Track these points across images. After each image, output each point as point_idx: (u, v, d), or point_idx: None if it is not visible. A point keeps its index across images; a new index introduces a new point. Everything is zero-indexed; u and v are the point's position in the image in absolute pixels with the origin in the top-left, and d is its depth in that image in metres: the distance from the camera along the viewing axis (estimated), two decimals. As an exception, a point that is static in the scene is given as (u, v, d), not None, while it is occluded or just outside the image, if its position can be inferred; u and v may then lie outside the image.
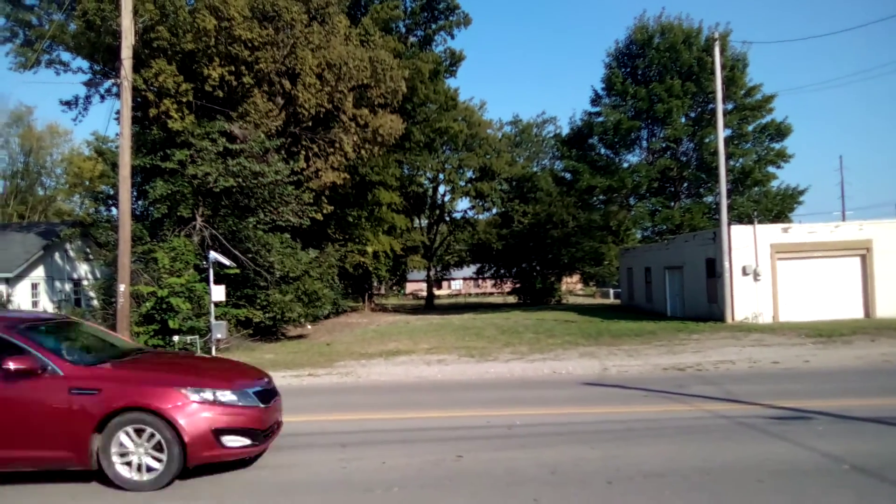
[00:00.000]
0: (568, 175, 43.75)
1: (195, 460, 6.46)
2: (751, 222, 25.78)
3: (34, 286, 27.64)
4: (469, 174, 52.53)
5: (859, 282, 24.29)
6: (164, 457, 6.35)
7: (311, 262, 25.24)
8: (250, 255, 22.58)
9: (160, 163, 21.75)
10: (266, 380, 7.50)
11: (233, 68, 22.62)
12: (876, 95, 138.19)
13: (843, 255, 24.27)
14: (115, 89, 23.91)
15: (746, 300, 24.04)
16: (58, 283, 29.25)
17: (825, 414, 8.74)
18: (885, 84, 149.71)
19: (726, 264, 23.91)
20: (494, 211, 55.89)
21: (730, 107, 35.14)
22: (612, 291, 58.37)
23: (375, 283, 56.21)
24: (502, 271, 57.66)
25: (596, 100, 41.32)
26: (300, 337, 26.47)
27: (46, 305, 28.10)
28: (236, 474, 7.00)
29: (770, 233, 24.74)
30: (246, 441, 6.72)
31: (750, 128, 36.73)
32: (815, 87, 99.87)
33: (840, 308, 23.85)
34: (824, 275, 24.24)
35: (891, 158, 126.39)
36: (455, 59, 41.93)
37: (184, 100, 22.29)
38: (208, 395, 6.61)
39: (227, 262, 20.69)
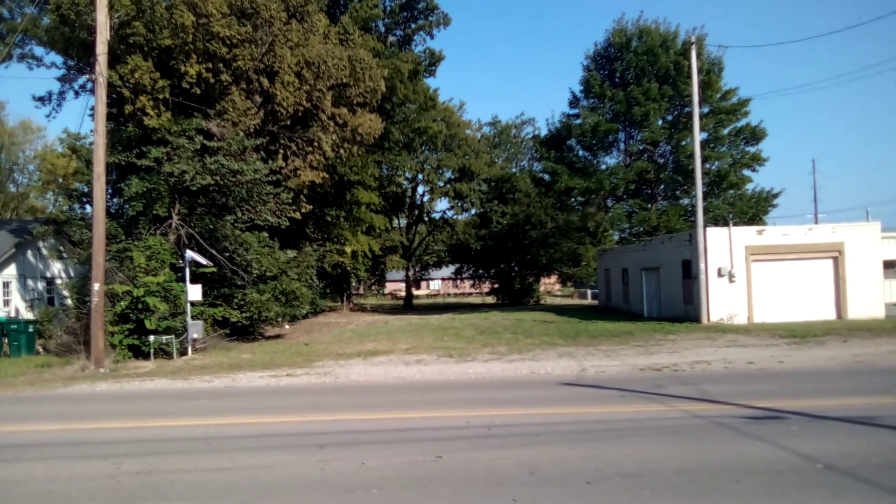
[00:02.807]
0: (546, 176, 43.89)
1: None
2: (726, 224, 26.10)
3: (6, 285, 27.11)
4: (448, 174, 52.50)
5: (832, 284, 24.68)
6: None
7: (290, 261, 25.04)
8: (227, 255, 22.35)
9: (136, 160, 21.44)
10: None
11: (210, 65, 22.38)
12: (849, 100, 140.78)
13: (816, 257, 24.66)
14: (89, 85, 23.51)
15: (722, 301, 24.33)
16: (30, 282, 28.70)
17: (799, 414, 8.87)
18: (858, 89, 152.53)
19: (702, 266, 24.18)
20: (473, 211, 55.96)
21: (706, 110, 35.46)
22: (589, 292, 58.67)
23: (354, 283, 55.96)
24: (481, 272, 57.69)
25: (574, 102, 41.52)
26: (278, 337, 26.29)
27: (19, 304, 27.58)
28: (215, 474, 6.94)
29: (745, 235, 25.05)
30: None
31: (725, 131, 37.12)
32: (788, 91, 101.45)
33: (813, 309, 24.23)
34: (798, 277, 24.61)
35: (863, 162, 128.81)
36: (434, 59, 41.83)
37: (160, 97, 22.00)
38: None
39: (203, 260, 20.47)
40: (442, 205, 56.24)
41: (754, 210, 37.18)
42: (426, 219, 56.89)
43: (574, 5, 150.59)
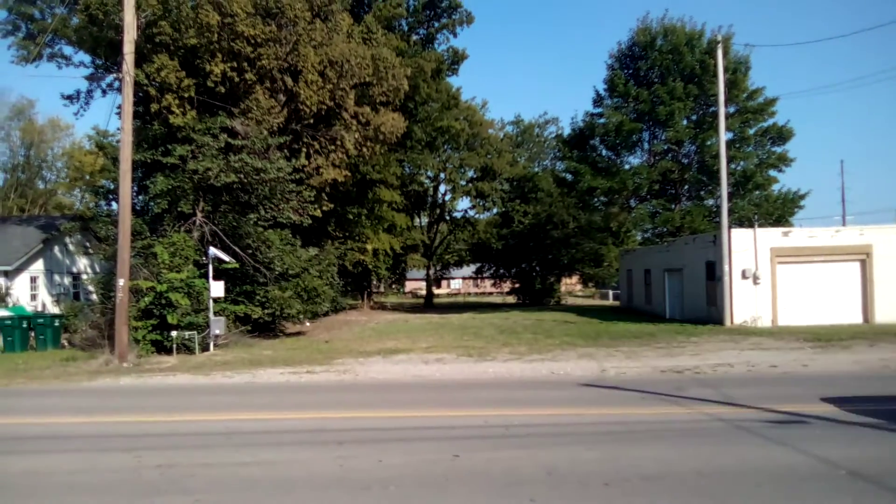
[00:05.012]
0: (569, 176, 43.66)
1: None
2: (751, 226, 25.76)
3: (33, 279, 27.63)
4: (470, 173, 52.44)
5: (859, 287, 24.27)
6: None
7: (311, 259, 25.20)
8: (250, 252, 22.55)
9: (161, 158, 21.73)
10: None
11: (235, 64, 22.57)
12: (878, 100, 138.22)
13: (842, 259, 24.27)
14: (116, 84, 23.84)
15: (746, 303, 24.03)
16: (57, 277, 29.22)
17: (823, 418, 8.73)
18: (888, 88, 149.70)
19: (726, 267, 23.90)
20: (495, 211, 55.79)
21: (732, 110, 35.05)
22: (611, 293, 58.27)
23: (375, 282, 56.19)
24: (502, 271, 57.57)
25: (598, 101, 41.26)
26: (299, 334, 26.46)
27: (45, 299, 28.09)
28: (235, 469, 7.00)
29: (770, 237, 24.72)
30: None
31: (752, 131, 36.65)
32: (816, 91, 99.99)
33: (839, 313, 23.83)
34: (824, 279, 24.22)
35: (892, 163, 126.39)
36: (457, 58, 41.84)
37: (185, 95, 22.23)
38: None
39: (226, 257, 20.67)
40: (463, 204, 56.35)
41: (780, 211, 36.68)
42: (447, 218, 56.89)
43: (599, 4, 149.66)
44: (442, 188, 54.88)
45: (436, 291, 67.34)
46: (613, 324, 26.48)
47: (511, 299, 57.76)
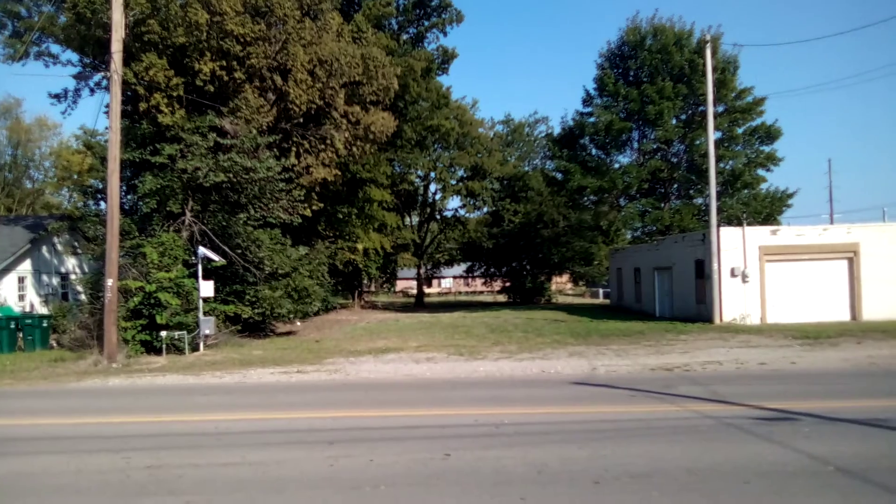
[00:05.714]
0: (559, 175, 43.73)
1: None
2: (740, 224, 25.92)
3: (21, 280, 27.41)
4: (460, 173, 52.42)
5: (846, 284, 24.47)
6: None
7: (301, 258, 25.13)
8: (240, 251, 22.46)
9: (150, 157, 21.60)
10: None
11: (224, 63, 22.47)
12: (865, 99, 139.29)
13: (830, 257, 24.45)
14: (104, 83, 23.69)
15: (734, 301, 24.17)
16: (45, 277, 29.01)
17: (811, 415, 8.79)
18: (875, 87, 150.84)
19: (715, 266, 24.02)
20: (485, 210, 55.84)
21: (720, 109, 35.20)
22: (601, 291, 58.49)
23: (365, 281, 56.03)
24: (492, 270, 57.67)
25: (588, 100, 41.32)
26: (289, 333, 26.39)
27: (33, 299, 27.87)
28: (225, 469, 6.98)
29: (759, 235, 24.88)
30: None
31: (740, 130, 36.81)
32: (804, 90, 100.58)
33: (827, 310, 24.03)
34: (812, 277, 24.41)
35: (879, 162, 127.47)
36: (447, 57, 41.80)
37: (174, 94, 22.11)
38: None
39: (215, 257, 20.59)
40: (454, 203, 56.27)
41: (769, 210, 36.87)
42: (438, 217, 56.86)
43: (589, 3, 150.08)
44: (432, 187, 54.90)
45: (426, 290, 67.28)
46: (603, 322, 26.57)
47: (502, 298, 57.90)
